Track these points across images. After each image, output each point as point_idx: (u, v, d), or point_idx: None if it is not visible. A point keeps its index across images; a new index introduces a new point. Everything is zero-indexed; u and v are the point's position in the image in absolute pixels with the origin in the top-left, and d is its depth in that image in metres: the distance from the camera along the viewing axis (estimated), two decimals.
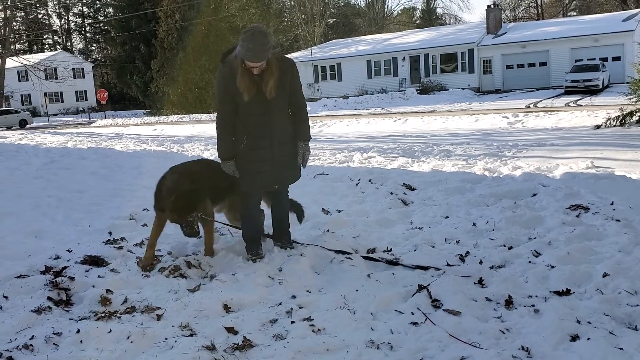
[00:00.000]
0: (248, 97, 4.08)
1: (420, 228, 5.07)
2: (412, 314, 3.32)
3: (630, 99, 13.53)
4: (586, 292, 3.52)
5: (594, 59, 31.62)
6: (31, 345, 3.01)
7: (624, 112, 13.52)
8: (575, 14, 60.96)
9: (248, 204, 4.48)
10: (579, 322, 3.10)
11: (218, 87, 4.23)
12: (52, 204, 6.70)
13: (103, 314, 3.46)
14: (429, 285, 3.63)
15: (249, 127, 4.22)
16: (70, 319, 3.41)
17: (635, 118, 13.32)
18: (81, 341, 3.06)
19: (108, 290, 3.79)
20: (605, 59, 32.45)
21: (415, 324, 3.21)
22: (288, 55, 5.16)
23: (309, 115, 4.52)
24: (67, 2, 72.44)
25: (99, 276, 4.11)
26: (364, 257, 4.32)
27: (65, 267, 4.21)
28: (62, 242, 5.00)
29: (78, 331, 3.12)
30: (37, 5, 63.73)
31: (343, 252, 4.36)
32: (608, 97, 24.63)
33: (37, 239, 5.13)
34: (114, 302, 3.67)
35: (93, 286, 3.88)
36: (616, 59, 33.07)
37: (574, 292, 3.51)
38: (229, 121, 4.23)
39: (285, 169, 4.43)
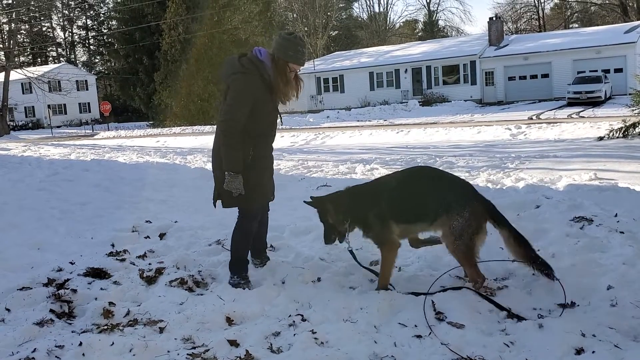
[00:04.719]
0: (286, 102, 4.20)
1: None
2: (416, 326, 3.31)
3: (632, 110, 13.53)
4: (591, 304, 3.50)
5: (596, 71, 31.74)
6: (33, 358, 3.00)
7: (627, 124, 13.50)
8: (577, 25, 61.22)
9: (253, 221, 4.30)
10: (583, 335, 3.08)
11: (243, 94, 3.98)
12: (55, 215, 6.69)
13: (105, 327, 3.45)
14: (433, 297, 3.62)
15: (260, 136, 4.14)
16: (72, 332, 3.40)
17: (638, 129, 13.30)
18: (83, 354, 3.05)
19: (111, 303, 3.77)
20: (607, 71, 32.55)
21: (419, 336, 3.20)
22: None
23: (312, 127, 4.56)
24: (71, 15, 72.98)
25: (101, 288, 4.11)
26: None
27: (68, 279, 4.19)
28: (64, 254, 4.97)
29: (80, 344, 3.11)
30: (42, 18, 64.22)
31: None
32: (610, 108, 24.64)
33: (40, 251, 5.11)
34: (117, 314, 3.66)
35: (95, 298, 3.87)
36: (618, 70, 33.13)
37: (578, 305, 3.49)
38: (241, 130, 4.01)
39: (273, 176, 4.48)
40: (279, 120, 4.37)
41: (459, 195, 3.83)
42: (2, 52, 47.90)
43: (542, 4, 64.32)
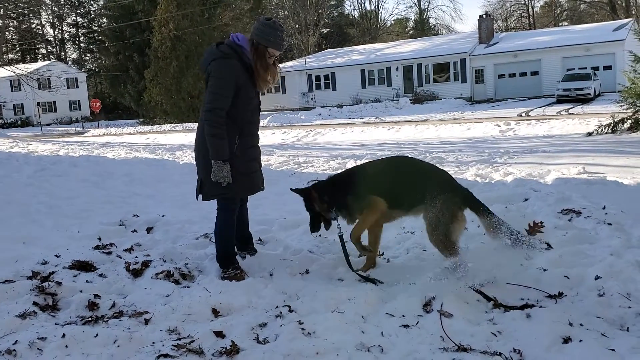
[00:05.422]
0: (265, 88, 4.16)
1: (412, 232, 5.05)
2: (403, 316, 3.30)
3: (621, 106, 13.63)
4: (578, 294, 3.50)
5: (586, 68, 31.86)
6: (14, 350, 2.94)
7: (616, 120, 13.62)
8: (566, 24, 61.46)
9: (233, 213, 4.23)
10: (571, 324, 3.08)
11: (225, 80, 3.92)
12: (42, 210, 6.63)
13: (90, 319, 3.40)
14: (420, 288, 3.61)
15: (245, 123, 4.09)
16: (56, 324, 3.34)
17: (626, 125, 13.42)
18: (66, 346, 3.00)
19: (96, 295, 3.73)
20: (596, 68, 32.69)
21: (406, 326, 3.18)
22: (282, 65, 5.13)
23: (303, 124, 4.51)
24: (61, 12, 72.38)
25: (87, 281, 4.05)
26: None
27: (53, 272, 4.13)
28: (50, 247, 4.91)
29: (63, 336, 3.06)
30: (30, 15, 63.62)
31: None
32: (599, 105, 24.79)
33: (25, 245, 5.06)
34: (102, 306, 3.62)
35: (81, 291, 3.82)
36: (607, 67, 33.32)
37: (566, 295, 3.49)
38: (225, 117, 3.96)
39: (261, 167, 4.43)
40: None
41: (431, 185, 3.86)
42: None
43: (532, 2, 64.65)
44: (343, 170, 4.51)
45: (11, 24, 59.57)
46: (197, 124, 4.24)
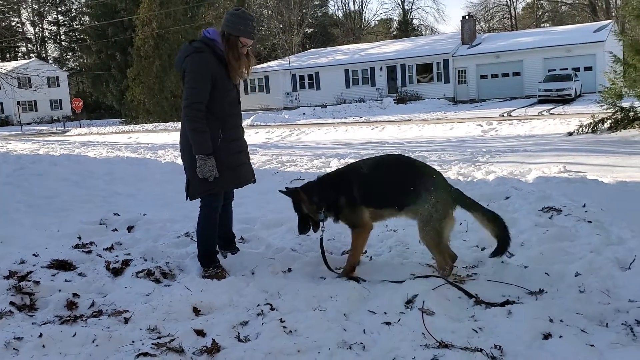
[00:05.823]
0: (239, 79, 4.12)
1: (394, 230, 5.05)
2: (385, 313, 3.30)
3: (601, 106, 13.80)
4: (559, 291, 3.53)
5: (567, 69, 32.24)
6: None
7: (596, 120, 13.79)
8: (548, 25, 62.13)
9: (215, 210, 4.20)
10: (551, 320, 3.10)
11: (200, 73, 3.92)
12: (21, 209, 6.53)
13: (68, 318, 3.35)
14: (402, 285, 3.61)
15: (225, 116, 4.08)
16: (33, 324, 3.28)
17: (606, 125, 13.60)
18: (43, 346, 2.95)
19: (75, 294, 3.68)
20: (577, 69, 33.10)
21: (388, 323, 3.18)
22: (265, 64, 5.06)
23: (287, 123, 4.48)
24: (42, 10, 71.41)
25: (65, 280, 3.99)
26: None
27: (31, 272, 4.07)
28: (28, 247, 4.82)
29: (40, 335, 3.00)
30: (10, 12, 62.67)
31: None
32: (580, 105, 25.10)
33: (3, 245, 4.95)
34: (81, 306, 3.57)
35: (59, 290, 3.76)
36: (588, 68, 33.74)
37: (546, 292, 3.52)
38: (204, 111, 3.96)
39: (250, 161, 4.40)
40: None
41: (425, 183, 3.84)
42: None
43: (514, 4, 65.23)
44: (333, 169, 4.41)
45: None
46: (180, 123, 4.21)
